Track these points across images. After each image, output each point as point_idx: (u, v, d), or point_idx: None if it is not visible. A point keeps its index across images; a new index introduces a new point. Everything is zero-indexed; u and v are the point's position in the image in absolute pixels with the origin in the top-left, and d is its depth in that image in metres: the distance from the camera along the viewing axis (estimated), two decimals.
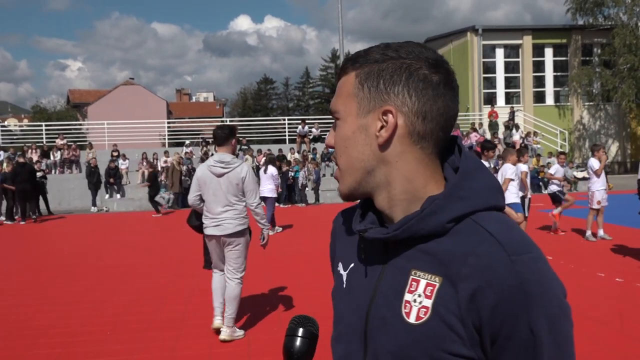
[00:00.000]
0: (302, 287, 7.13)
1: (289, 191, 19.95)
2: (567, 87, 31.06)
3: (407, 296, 0.94)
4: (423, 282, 0.93)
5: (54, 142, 24.32)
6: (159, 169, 21.23)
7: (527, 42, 30.50)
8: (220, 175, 5.11)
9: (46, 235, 13.61)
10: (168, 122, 32.67)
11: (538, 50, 30.98)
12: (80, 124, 35.09)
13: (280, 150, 23.20)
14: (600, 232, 10.13)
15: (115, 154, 22.59)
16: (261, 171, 12.42)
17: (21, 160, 16.86)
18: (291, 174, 20.04)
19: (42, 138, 25.96)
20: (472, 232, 0.92)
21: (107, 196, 20.58)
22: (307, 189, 20.43)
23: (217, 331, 5.24)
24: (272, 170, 12.25)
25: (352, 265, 1.07)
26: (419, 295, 0.93)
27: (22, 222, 16.20)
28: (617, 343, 4.82)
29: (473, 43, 30.32)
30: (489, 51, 30.92)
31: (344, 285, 1.08)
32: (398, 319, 0.94)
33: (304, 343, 1.12)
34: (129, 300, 6.69)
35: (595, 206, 9.91)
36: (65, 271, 8.73)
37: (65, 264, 9.44)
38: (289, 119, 28.50)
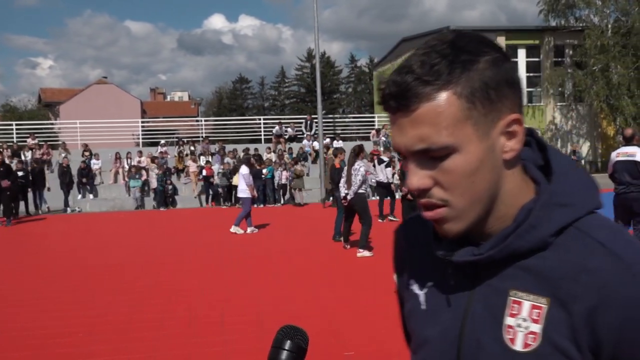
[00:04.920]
0: (283, 287, 7.11)
1: (263, 191, 19.59)
2: (539, 88, 31.53)
3: (509, 320, 0.84)
4: (527, 305, 0.83)
5: (25, 141, 23.85)
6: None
7: (501, 42, 30.78)
8: None
9: (23, 236, 13.33)
10: (142, 122, 32.31)
11: (511, 51, 31.31)
12: (52, 124, 34.50)
13: (256, 149, 23.09)
14: None
15: (87, 153, 22.19)
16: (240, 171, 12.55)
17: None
18: (265, 172, 19.63)
19: (12, 137, 25.46)
20: (580, 243, 0.81)
21: (79, 196, 20.24)
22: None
23: None
24: (243, 170, 12.34)
25: (430, 284, 0.95)
26: (524, 320, 0.83)
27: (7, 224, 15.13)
28: None
29: None
30: None
31: (423, 307, 0.95)
32: (500, 346, 0.84)
33: (290, 357, 1.02)
34: (108, 301, 6.59)
35: None
36: (43, 272, 8.56)
37: (42, 264, 9.26)
38: (264, 119, 28.42)
